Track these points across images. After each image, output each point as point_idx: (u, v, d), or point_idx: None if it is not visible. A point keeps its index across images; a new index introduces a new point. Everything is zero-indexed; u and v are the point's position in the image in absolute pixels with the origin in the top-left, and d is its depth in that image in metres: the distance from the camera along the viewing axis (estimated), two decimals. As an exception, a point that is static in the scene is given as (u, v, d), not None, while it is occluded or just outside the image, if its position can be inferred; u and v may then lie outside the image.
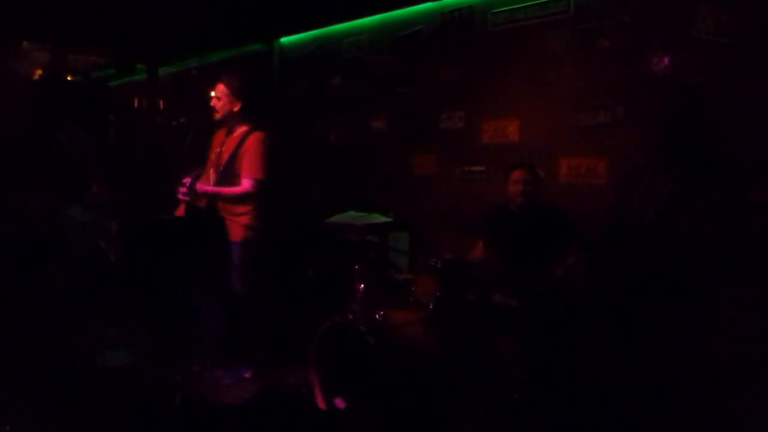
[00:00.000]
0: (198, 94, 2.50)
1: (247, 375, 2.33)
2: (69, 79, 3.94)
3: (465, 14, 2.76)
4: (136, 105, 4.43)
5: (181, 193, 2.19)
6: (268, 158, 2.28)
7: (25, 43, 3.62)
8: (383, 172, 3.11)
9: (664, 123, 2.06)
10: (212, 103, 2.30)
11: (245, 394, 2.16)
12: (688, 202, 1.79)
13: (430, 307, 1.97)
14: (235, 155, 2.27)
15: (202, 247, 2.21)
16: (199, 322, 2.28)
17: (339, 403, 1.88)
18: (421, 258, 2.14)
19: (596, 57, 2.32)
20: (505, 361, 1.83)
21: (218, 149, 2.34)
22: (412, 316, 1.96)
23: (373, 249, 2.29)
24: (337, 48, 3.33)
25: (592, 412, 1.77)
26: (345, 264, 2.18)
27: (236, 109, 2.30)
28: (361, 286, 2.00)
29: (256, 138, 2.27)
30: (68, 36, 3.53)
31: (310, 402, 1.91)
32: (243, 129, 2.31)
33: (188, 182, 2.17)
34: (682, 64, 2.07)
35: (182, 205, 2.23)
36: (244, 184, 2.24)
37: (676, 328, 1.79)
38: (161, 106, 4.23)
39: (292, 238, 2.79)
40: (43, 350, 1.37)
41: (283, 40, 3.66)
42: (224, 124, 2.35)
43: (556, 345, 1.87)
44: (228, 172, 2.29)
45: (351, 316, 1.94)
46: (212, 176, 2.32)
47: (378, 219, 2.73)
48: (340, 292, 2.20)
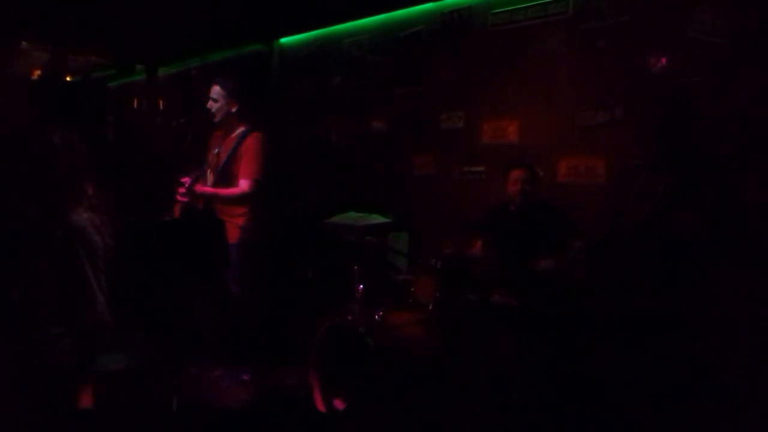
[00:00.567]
0: (198, 95, 2.50)
1: (246, 377, 2.32)
2: (68, 79, 3.93)
3: (465, 15, 2.76)
4: (136, 105, 4.43)
5: (179, 194, 2.19)
6: (267, 159, 2.28)
7: (24, 43, 3.62)
8: (383, 173, 3.11)
9: (662, 122, 2.07)
10: (209, 105, 2.30)
11: (244, 396, 2.15)
12: (685, 201, 1.79)
13: (430, 308, 1.97)
14: (233, 156, 2.26)
15: (200, 248, 2.21)
16: (198, 324, 2.27)
17: (338, 404, 1.87)
18: (421, 258, 2.13)
19: (595, 57, 2.32)
20: (505, 361, 1.83)
21: (216, 150, 2.34)
22: (411, 317, 1.96)
23: (372, 250, 2.29)
24: (338, 48, 3.33)
25: (593, 412, 1.76)
26: (344, 265, 2.18)
27: (233, 110, 2.30)
28: (361, 286, 2.00)
29: (254, 139, 2.27)
30: (67, 36, 3.53)
31: (310, 403, 1.91)
32: (241, 130, 2.31)
33: (187, 183, 2.16)
34: (680, 63, 2.08)
35: (179, 207, 2.23)
36: (242, 184, 2.24)
37: (675, 327, 1.78)
38: (161, 107, 4.22)
39: (291, 238, 2.79)
40: (40, 354, 1.36)
41: (283, 40, 3.66)
42: (222, 125, 2.35)
43: (556, 345, 1.87)
44: (226, 173, 2.29)
45: (350, 317, 1.94)
46: (210, 177, 2.32)
47: (377, 219, 2.73)
48: (340, 293, 2.19)
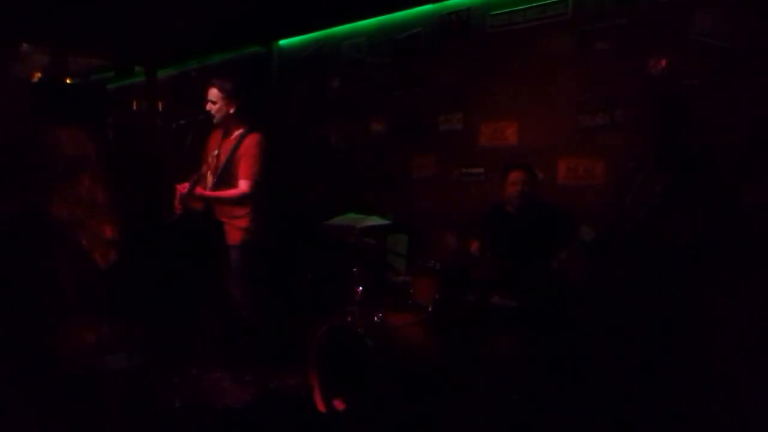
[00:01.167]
0: (197, 97, 2.50)
1: (247, 377, 2.32)
2: (68, 81, 3.94)
3: (464, 16, 2.77)
4: (135, 107, 4.43)
5: (178, 198, 2.19)
6: (266, 160, 2.28)
7: (24, 45, 3.63)
8: (382, 174, 3.12)
9: (661, 124, 2.07)
10: (207, 108, 2.30)
11: (245, 397, 2.15)
12: (683, 202, 1.80)
13: (429, 309, 1.97)
14: (232, 157, 2.27)
15: (200, 250, 2.21)
16: (199, 325, 2.27)
17: (338, 405, 1.88)
18: (420, 260, 2.14)
19: (594, 59, 2.33)
20: (504, 362, 1.83)
21: (215, 152, 2.35)
22: (410, 318, 1.96)
23: (371, 251, 2.29)
24: (337, 50, 3.33)
25: (593, 413, 1.77)
26: (344, 266, 2.19)
27: (232, 112, 2.30)
28: (360, 288, 2.00)
29: (253, 140, 2.27)
30: (67, 38, 3.53)
31: (310, 404, 1.91)
32: (240, 131, 2.31)
33: (187, 186, 2.17)
34: (679, 66, 2.09)
35: (179, 208, 2.23)
36: (241, 186, 2.24)
37: (674, 328, 1.79)
38: (160, 109, 4.23)
39: (291, 240, 2.80)
40: (38, 354, 1.37)
41: (282, 42, 3.66)
42: (221, 127, 2.35)
43: (555, 346, 1.87)
44: (225, 175, 2.29)
45: (350, 319, 1.95)
46: (210, 179, 2.32)
47: (377, 221, 2.74)
48: (339, 295, 2.20)
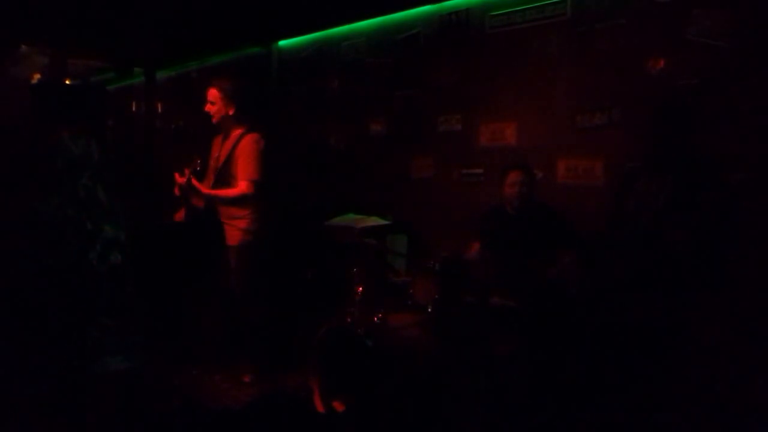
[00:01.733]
0: (197, 98, 2.51)
1: (247, 379, 2.33)
2: (67, 82, 3.94)
3: (463, 17, 2.77)
4: (134, 109, 4.43)
5: (177, 187, 2.19)
6: (264, 159, 2.28)
7: (23, 46, 3.63)
8: (382, 175, 3.11)
9: (660, 124, 2.07)
10: (207, 109, 2.30)
11: (244, 398, 2.16)
12: (684, 204, 1.80)
13: (429, 310, 1.97)
14: (231, 158, 2.27)
15: (200, 251, 2.21)
16: (198, 326, 2.28)
17: (338, 406, 1.88)
18: (420, 260, 2.14)
19: (593, 59, 2.33)
20: (504, 363, 1.83)
21: (216, 154, 2.35)
22: (410, 319, 1.97)
23: (371, 251, 2.30)
24: (336, 51, 3.33)
25: (591, 414, 1.77)
26: (343, 267, 2.19)
27: (231, 113, 2.31)
28: (360, 288, 2.01)
29: (251, 139, 2.28)
30: (67, 40, 3.53)
31: (309, 405, 1.91)
32: (238, 132, 2.32)
33: (186, 176, 2.16)
34: (677, 66, 2.09)
35: (182, 209, 2.23)
36: (240, 185, 2.24)
37: (673, 330, 1.79)
38: (159, 110, 4.23)
39: (291, 240, 2.80)
40: (37, 355, 1.37)
41: (282, 43, 3.66)
42: (221, 129, 2.36)
43: (555, 347, 1.87)
44: (225, 175, 2.29)
45: (349, 319, 1.95)
46: (211, 180, 2.33)
47: (376, 221, 2.74)
48: (339, 295, 2.20)
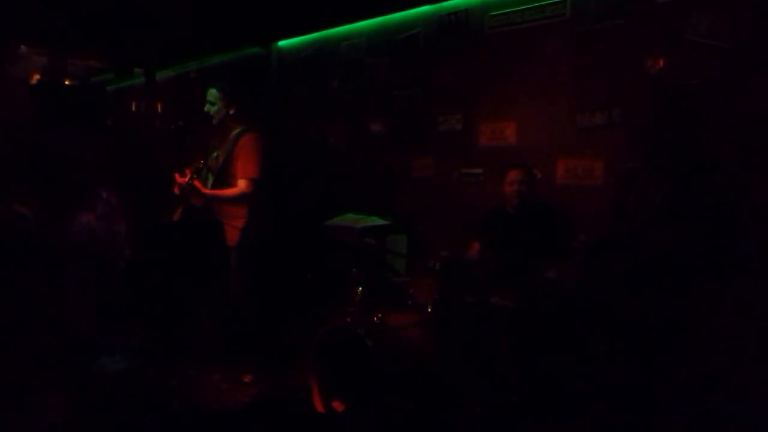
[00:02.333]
0: (196, 98, 2.51)
1: (246, 379, 2.32)
2: (67, 83, 3.94)
3: (462, 17, 2.77)
4: (134, 109, 4.43)
5: (177, 186, 2.18)
6: (265, 159, 2.28)
7: (23, 47, 3.63)
8: (381, 175, 3.11)
9: (660, 124, 2.07)
10: (206, 109, 2.30)
11: (243, 398, 2.15)
12: (683, 204, 1.80)
13: (428, 310, 1.97)
14: (230, 157, 2.27)
15: (199, 251, 2.21)
16: (197, 326, 2.27)
17: (337, 406, 1.87)
18: (419, 260, 2.13)
19: (593, 59, 2.33)
20: (503, 362, 1.83)
21: (215, 154, 2.35)
22: (410, 319, 1.96)
23: (371, 251, 2.29)
24: (336, 51, 3.33)
25: (590, 414, 1.76)
26: (343, 267, 2.18)
27: (231, 113, 2.31)
28: (360, 288, 2.00)
29: (249, 138, 2.28)
30: (66, 40, 3.53)
31: (309, 405, 1.91)
32: (237, 131, 2.32)
33: (187, 176, 2.16)
34: (676, 66, 2.09)
35: (180, 208, 2.23)
36: (240, 184, 2.24)
37: (673, 330, 1.79)
38: (159, 110, 4.23)
39: (291, 241, 2.79)
40: (38, 355, 1.36)
41: (281, 43, 3.66)
42: (220, 129, 2.35)
43: (554, 347, 1.87)
44: (224, 175, 2.29)
45: (349, 319, 1.94)
46: (210, 180, 2.32)
47: (376, 221, 2.74)
48: (339, 295, 2.19)
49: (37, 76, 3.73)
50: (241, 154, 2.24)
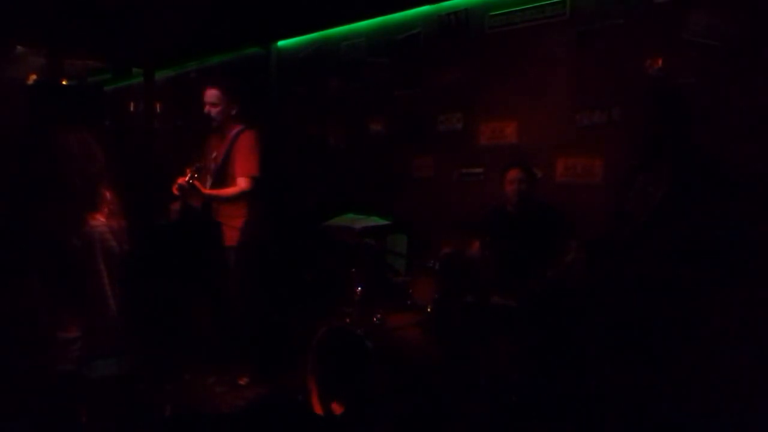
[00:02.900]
0: (195, 98, 2.49)
1: (242, 381, 2.29)
2: (65, 83, 3.92)
3: (462, 17, 2.77)
4: (133, 109, 4.41)
5: (176, 186, 2.14)
6: (264, 158, 2.27)
7: (20, 47, 3.61)
8: (382, 175, 3.10)
9: (658, 123, 2.07)
10: (207, 110, 2.28)
11: (240, 402, 2.12)
12: (682, 203, 1.79)
13: (428, 310, 1.95)
14: (228, 155, 2.26)
15: (197, 251, 2.19)
16: (193, 329, 2.24)
17: (336, 408, 1.85)
18: (419, 260, 2.12)
19: (592, 59, 2.33)
20: (504, 362, 1.81)
21: (213, 153, 2.33)
22: (410, 319, 1.95)
23: (371, 251, 2.28)
24: (335, 51, 3.33)
25: (592, 414, 1.75)
26: (343, 267, 2.17)
27: (234, 112, 2.30)
28: (359, 289, 1.99)
29: (247, 136, 2.27)
30: (64, 39, 3.52)
31: (307, 408, 1.88)
32: (235, 130, 2.31)
33: (187, 176, 2.13)
34: (675, 65, 2.09)
35: (177, 209, 2.21)
36: (239, 182, 2.22)
37: (672, 329, 1.77)
38: (158, 110, 4.21)
39: (290, 241, 2.77)
40: (33, 359, 1.34)
41: (281, 43, 3.65)
42: (218, 129, 2.34)
43: (555, 346, 1.85)
44: (223, 174, 2.28)
45: (348, 320, 1.93)
46: (209, 180, 2.31)
47: (376, 221, 2.72)
48: (338, 296, 2.18)
49: (34, 77, 3.71)
50: (240, 153, 2.23)
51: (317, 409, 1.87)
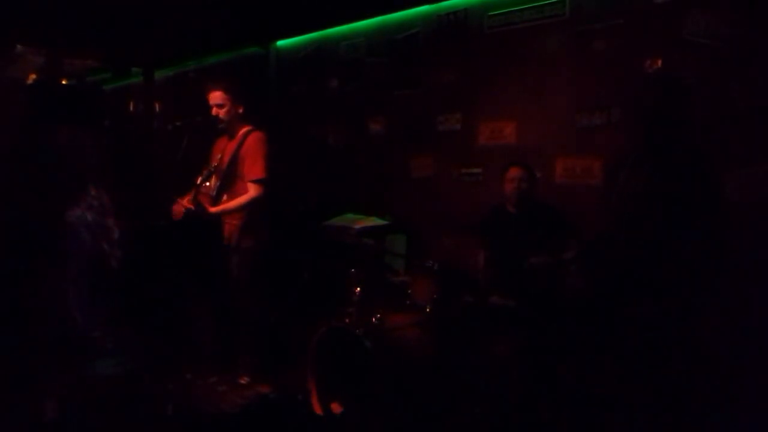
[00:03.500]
0: (194, 98, 2.49)
1: (243, 381, 2.30)
2: (64, 83, 3.92)
3: (461, 17, 2.77)
4: (132, 109, 4.41)
5: (181, 207, 2.12)
6: (269, 158, 2.26)
7: (19, 46, 3.61)
8: (381, 175, 3.10)
9: (657, 123, 2.07)
10: (214, 112, 2.26)
11: (240, 401, 2.13)
12: (664, 200, 1.78)
13: (428, 310, 1.96)
14: (236, 158, 2.25)
15: (197, 252, 2.19)
16: (194, 328, 2.25)
17: (336, 407, 1.86)
18: (419, 260, 2.12)
19: (591, 59, 2.33)
20: (503, 363, 1.82)
21: (219, 155, 2.32)
22: (409, 319, 1.95)
23: (370, 252, 2.28)
24: (335, 50, 3.32)
25: (590, 414, 1.75)
26: (342, 267, 2.17)
27: (241, 112, 2.29)
28: (358, 289, 1.99)
29: (256, 138, 2.26)
30: (63, 39, 3.52)
31: (307, 407, 1.89)
32: (244, 131, 2.30)
33: (189, 198, 2.11)
34: (674, 65, 2.09)
35: (178, 209, 2.20)
36: (250, 189, 2.21)
37: (669, 329, 1.78)
38: (157, 110, 4.21)
39: (289, 241, 2.78)
40: (34, 357, 1.34)
41: (280, 42, 3.65)
42: (225, 130, 2.33)
43: (554, 346, 1.86)
44: (230, 176, 2.27)
45: (348, 320, 1.93)
46: (215, 182, 2.29)
47: (375, 221, 2.72)
48: (337, 296, 2.18)
49: (33, 76, 3.71)
50: (248, 155, 2.21)
51: (317, 409, 1.88)
